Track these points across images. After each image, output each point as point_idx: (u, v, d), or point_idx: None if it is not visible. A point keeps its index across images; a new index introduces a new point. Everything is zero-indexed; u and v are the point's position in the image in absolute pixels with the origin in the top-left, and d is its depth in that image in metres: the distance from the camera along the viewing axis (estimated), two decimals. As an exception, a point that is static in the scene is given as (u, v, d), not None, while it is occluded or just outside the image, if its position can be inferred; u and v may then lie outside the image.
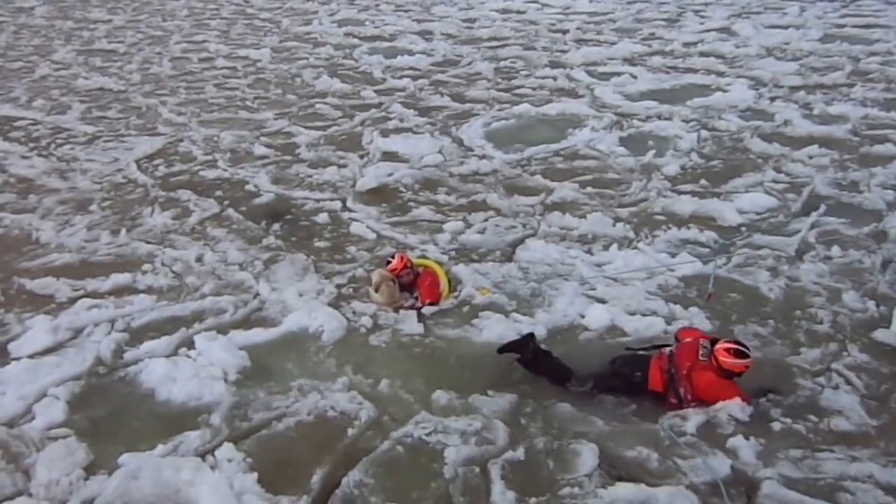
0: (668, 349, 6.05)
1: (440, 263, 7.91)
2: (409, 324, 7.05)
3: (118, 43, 20.95)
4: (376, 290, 7.33)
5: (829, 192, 9.67)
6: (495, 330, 6.80)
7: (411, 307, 7.37)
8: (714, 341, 5.89)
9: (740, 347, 5.72)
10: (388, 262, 7.56)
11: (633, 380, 5.92)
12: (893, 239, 8.35)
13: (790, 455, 5.30)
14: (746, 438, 5.41)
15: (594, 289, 7.57)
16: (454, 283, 7.67)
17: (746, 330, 6.82)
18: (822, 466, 5.19)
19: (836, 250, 8.14)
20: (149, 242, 8.96)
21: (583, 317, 7.08)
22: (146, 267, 8.31)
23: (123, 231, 9.25)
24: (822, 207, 9.21)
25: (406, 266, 7.53)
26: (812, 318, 6.99)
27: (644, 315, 7.03)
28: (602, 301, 7.32)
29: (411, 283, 7.57)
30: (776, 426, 5.58)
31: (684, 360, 5.80)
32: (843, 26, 19.24)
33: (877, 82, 14.31)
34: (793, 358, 6.41)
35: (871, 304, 7.14)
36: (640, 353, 6.20)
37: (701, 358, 5.75)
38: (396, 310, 7.30)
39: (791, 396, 5.93)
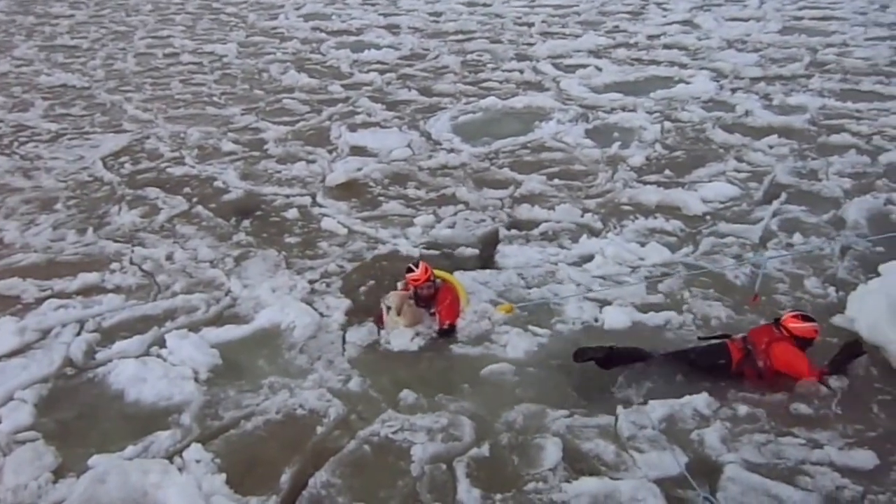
0: (739, 335, 6.33)
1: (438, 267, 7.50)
2: (402, 338, 6.79)
3: (81, 38, 20.60)
4: (398, 313, 6.73)
5: (789, 181, 9.91)
6: (520, 347, 6.57)
7: (428, 328, 6.86)
8: (777, 319, 6.26)
9: (805, 313, 6.22)
10: (410, 270, 6.93)
11: (718, 367, 6.14)
12: (851, 226, 8.59)
13: (754, 440, 5.44)
14: (713, 422, 5.56)
15: (591, 290, 7.47)
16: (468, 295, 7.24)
17: (714, 313, 7.05)
18: (784, 451, 5.33)
19: (797, 237, 8.36)
20: (117, 241, 8.88)
21: (596, 321, 6.98)
22: (114, 266, 8.25)
23: (90, 230, 9.16)
24: (783, 196, 9.45)
25: (429, 278, 6.91)
26: (776, 304, 7.16)
27: (657, 311, 7.07)
28: (607, 302, 7.25)
29: (430, 297, 6.93)
30: (742, 410, 5.72)
31: (761, 336, 6.16)
32: (801, 18, 19.67)
33: (833, 73, 14.67)
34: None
35: (831, 289, 7.35)
36: (713, 341, 6.41)
37: (775, 332, 6.14)
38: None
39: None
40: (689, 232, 8.68)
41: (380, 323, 6.97)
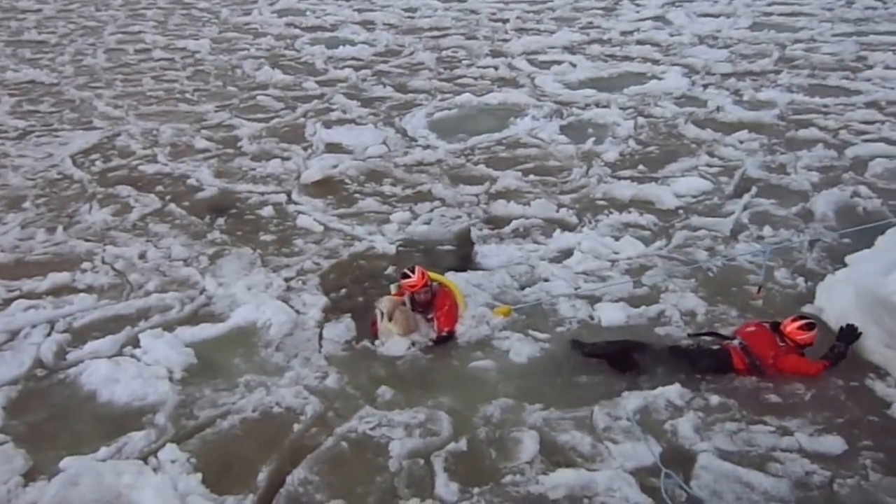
0: (736, 342, 6.25)
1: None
2: (397, 347, 6.60)
3: (49, 34, 20.27)
4: (390, 319, 6.48)
5: (759, 175, 10.05)
6: (523, 352, 6.48)
7: (426, 336, 6.61)
8: (774, 325, 6.24)
9: (808, 321, 6.17)
10: (406, 276, 6.69)
11: (719, 371, 6.14)
12: (819, 218, 8.76)
13: (726, 428, 5.53)
14: (686, 413, 5.64)
15: (578, 286, 7.48)
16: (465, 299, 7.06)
17: (693, 304, 7.12)
18: (755, 439, 5.42)
19: (767, 230, 8.51)
20: (88, 240, 8.76)
21: (591, 318, 6.97)
22: (86, 265, 8.14)
23: (60, 229, 9.02)
24: (754, 189, 9.59)
25: (426, 283, 6.65)
26: (748, 295, 7.29)
27: (647, 305, 7.10)
28: (597, 299, 7.26)
29: (427, 302, 6.69)
30: (714, 400, 5.81)
31: (766, 350, 6.09)
32: (770, 14, 19.95)
33: (802, 69, 14.89)
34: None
35: (800, 280, 7.49)
36: (706, 339, 6.43)
37: (780, 344, 6.11)
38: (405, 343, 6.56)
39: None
40: (662, 226, 8.79)
41: (373, 330, 6.74)
